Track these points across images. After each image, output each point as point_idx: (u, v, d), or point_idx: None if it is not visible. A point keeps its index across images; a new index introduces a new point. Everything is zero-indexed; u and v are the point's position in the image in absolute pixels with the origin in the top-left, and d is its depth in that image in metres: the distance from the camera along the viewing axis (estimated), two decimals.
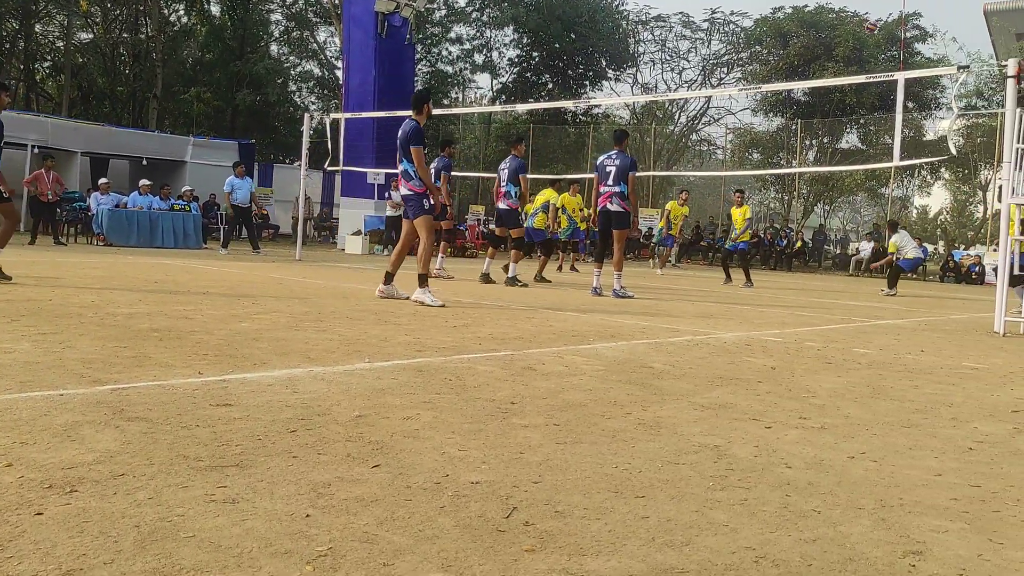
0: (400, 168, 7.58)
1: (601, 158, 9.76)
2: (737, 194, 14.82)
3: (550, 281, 11.75)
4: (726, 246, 15.47)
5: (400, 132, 7.61)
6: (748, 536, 1.96)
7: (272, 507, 1.97)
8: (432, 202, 7.41)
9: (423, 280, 7.22)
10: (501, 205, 10.95)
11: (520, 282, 10.45)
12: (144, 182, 17.91)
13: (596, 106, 36.27)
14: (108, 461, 2.23)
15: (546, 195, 13.19)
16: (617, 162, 9.39)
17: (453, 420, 2.95)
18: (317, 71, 35.96)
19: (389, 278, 7.63)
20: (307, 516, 1.92)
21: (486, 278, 10.65)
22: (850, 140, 31.40)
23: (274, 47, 35.68)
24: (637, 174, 9.46)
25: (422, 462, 2.41)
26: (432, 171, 10.81)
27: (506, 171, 10.87)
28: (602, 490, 2.25)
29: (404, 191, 7.57)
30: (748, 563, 1.80)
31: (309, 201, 15.97)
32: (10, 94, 8.69)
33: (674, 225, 17.09)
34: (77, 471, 2.14)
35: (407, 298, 7.33)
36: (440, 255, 11.66)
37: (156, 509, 1.90)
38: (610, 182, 9.36)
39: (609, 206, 9.37)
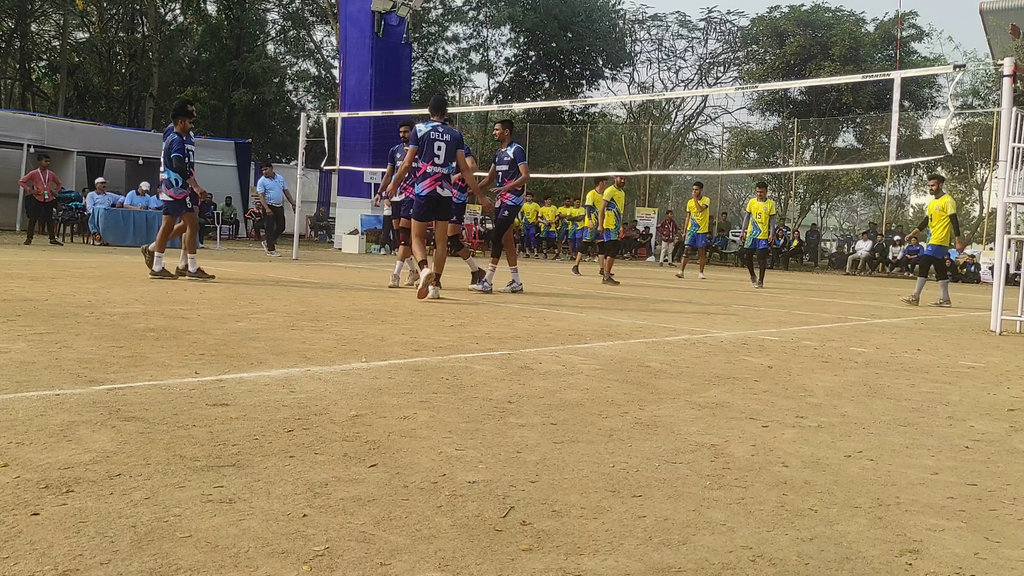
0: (447, 170, 7.81)
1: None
2: (759, 188, 14.24)
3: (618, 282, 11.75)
4: (746, 245, 14.46)
5: (451, 137, 7.80)
6: (745, 535, 1.96)
7: (269, 507, 1.97)
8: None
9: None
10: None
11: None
12: (143, 185, 17.90)
13: (593, 105, 36.29)
14: (104, 461, 2.23)
15: (604, 195, 12.61)
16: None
17: (450, 420, 2.95)
18: (313, 70, 35.95)
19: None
20: (304, 516, 1.92)
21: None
22: (846, 139, 31.46)
23: (271, 46, 35.62)
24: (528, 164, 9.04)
25: (419, 462, 2.41)
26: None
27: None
28: (599, 489, 2.25)
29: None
30: (745, 562, 1.80)
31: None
32: (192, 118, 9.04)
33: (700, 223, 15.44)
34: (73, 471, 2.13)
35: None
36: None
37: (153, 509, 1.90)
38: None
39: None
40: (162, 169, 8.65)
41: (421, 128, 7.77)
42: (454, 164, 7.95)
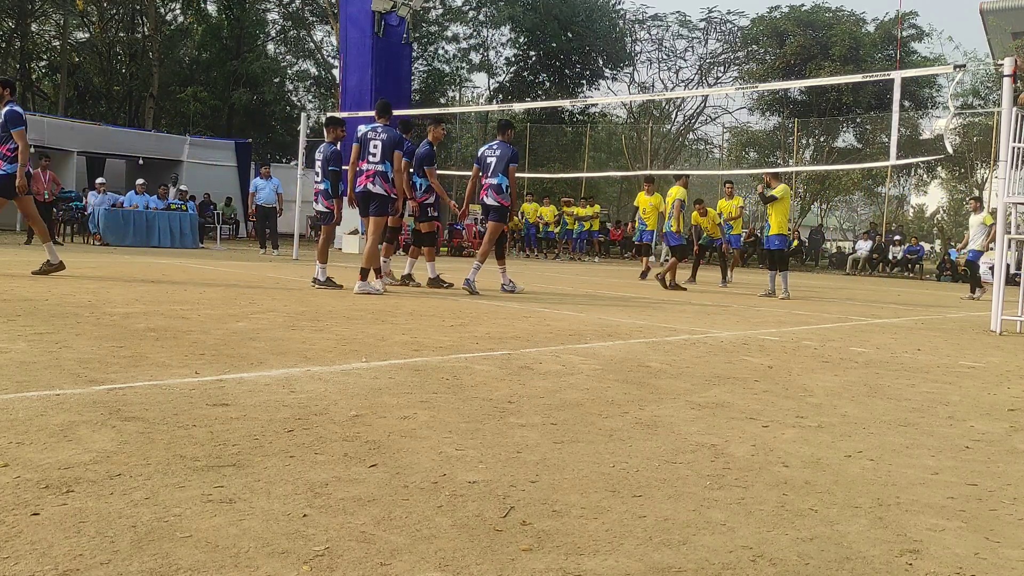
0: (381, 168, 8.25)
1: (482, 149, 9.15)
2: (647, 183, 13.86)
3: (684, 288, 11.49)
4: (635, 238, 14.73)
5: (387, 137, 8.22)
6: (745, 535, 1.96)
7: (269, 507, 1.97)
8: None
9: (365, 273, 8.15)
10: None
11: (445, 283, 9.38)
12: (139, 182, 17.92)
13: (593, 105, 36.29)
14: (105, 461, 2.23)
15: (674, 193, 12.08)
16: (498, 152, 8.84)
17: (450, 419, 2.95)
18: (314, 70, 35.96)
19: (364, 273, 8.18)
20: (304, 516, 1.92)
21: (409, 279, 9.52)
22: (846, 139, 31.46)
23: (271, 46, 35.67)
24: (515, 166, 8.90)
25: (419, 462, 2.41)
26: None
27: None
28: (599, 489, 2.25)
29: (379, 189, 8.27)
30: (745, 562, 1.80)
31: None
32: (343, 128, 9.22)
33: (733, 223, 14.17)
34: (74, 471, 2.13)
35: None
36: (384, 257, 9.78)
37: (153, 509, 1.90)
38: (489, 174, 8.86)
39: (485, 199, 8.91)
40: (319, 180, 8.81)
41: (361, 128, 8.40)
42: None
